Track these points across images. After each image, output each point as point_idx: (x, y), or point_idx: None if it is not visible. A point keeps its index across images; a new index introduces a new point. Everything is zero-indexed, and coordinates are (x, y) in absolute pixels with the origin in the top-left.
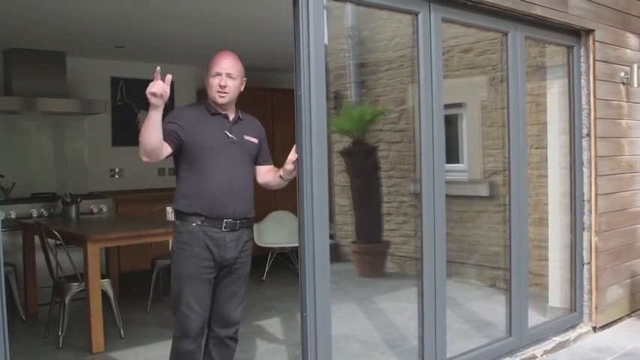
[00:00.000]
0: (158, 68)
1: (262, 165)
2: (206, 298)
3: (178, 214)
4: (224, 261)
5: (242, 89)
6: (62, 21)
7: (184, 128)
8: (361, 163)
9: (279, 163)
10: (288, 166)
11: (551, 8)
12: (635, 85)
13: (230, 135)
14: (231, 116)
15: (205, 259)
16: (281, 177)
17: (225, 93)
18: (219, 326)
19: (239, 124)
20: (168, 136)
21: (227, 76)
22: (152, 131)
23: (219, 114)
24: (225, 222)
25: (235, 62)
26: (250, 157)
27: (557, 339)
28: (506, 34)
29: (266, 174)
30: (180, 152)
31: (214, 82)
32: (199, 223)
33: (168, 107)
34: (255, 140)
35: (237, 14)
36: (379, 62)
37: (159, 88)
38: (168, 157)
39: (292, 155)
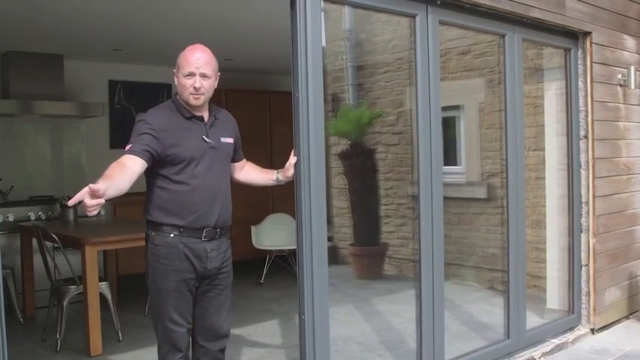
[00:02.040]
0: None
1: (237, 162)
2: (189, 309)
3: (152, 224)
4: (206, 272)
5: (216, 86)
6: (60, 24)
7: (160, 139)
8: (359, 166)
9: (277, 165)
10: (290, 172)
11: (548, 11)
12: (633, 87)
13: (208, 140)
14: (207, 117)
15: (187, 272)
16: (278, 179)
17: (200, 95)
18: (211, 340)
19: (215, 125)
20: (142, 150)
21: (201, 77)
22: (117, 191)
23: (194, 116)
24: (206, 231)
25: (209, 59)
26: (228, 160)
27: (556, 341)
28: (503, 36)
29: (249, 172)
30: (155, 162)
31: (187, 82)
32: (177, 233)
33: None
34: (231, 140)
35: (234, 17)
36: (377, 65)
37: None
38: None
39: (293, 159)
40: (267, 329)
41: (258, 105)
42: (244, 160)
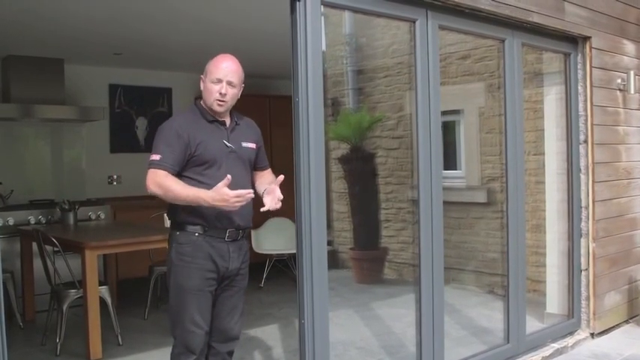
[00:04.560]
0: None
1: (260, 170)
2: (209, 311)
3: (177, 224)
4: (227, 272)
5: (239, 96)
6: (60, 28)
7: (186, 143)
8: (359, 170)
9: (277, 168)
10: (267, 197)
11: (548, 15)
12: (632, 92)
13: (228, 144)
14: (228, 122)
15: (209, 271)
16: (264, 191)
17: (224, 102)
18: (221, 341)
19: (236, 130)
20: (172, 166)
21: (228, 84)
22: (183, 203)
23: (217, 121)
24: (229, 232)
25: (237, 69)
26: (250, 164)
27: (555, 345)
28: (503, 41)
29: (261, 181)
30: None
31: (214, 88)
32: (202, 232)
33: (166, 114)
34: (253, 145)
35: (234, 22)
36: (377, 69)
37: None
38: None
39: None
40: (266, 333)
41: (258, 109)
42: (269, 170)
